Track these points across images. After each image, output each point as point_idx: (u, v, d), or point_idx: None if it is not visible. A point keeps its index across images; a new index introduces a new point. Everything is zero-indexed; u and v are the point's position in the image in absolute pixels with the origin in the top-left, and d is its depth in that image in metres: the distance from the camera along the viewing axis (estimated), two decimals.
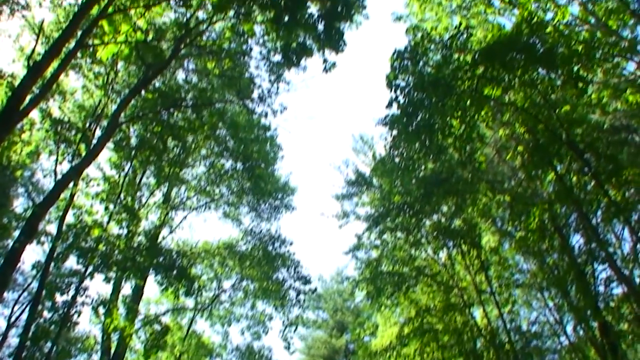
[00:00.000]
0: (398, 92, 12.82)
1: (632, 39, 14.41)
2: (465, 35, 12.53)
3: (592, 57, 11.93)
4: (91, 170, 17.06)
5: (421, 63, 12.97)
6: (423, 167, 15.91)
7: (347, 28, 14.53)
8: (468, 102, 12.41)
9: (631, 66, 15.06)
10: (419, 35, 12.74)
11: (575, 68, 11.60)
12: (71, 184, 14.30)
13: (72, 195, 14.96)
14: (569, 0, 15.22)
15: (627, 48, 14.20)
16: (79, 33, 13.35)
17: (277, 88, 17.14)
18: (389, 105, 12.84)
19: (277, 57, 16.17)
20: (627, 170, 12.24)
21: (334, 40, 14.35)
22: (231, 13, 15.19)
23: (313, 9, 14.14)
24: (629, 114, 14.07)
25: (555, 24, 13.25)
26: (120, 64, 17.08)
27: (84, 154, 14.78)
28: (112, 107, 16.82)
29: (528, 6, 14.02)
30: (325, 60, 14.91)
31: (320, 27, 14.20)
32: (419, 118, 12.82)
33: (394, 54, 12.78)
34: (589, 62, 12.00)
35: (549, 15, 14.75)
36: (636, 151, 14.04)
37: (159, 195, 20.12)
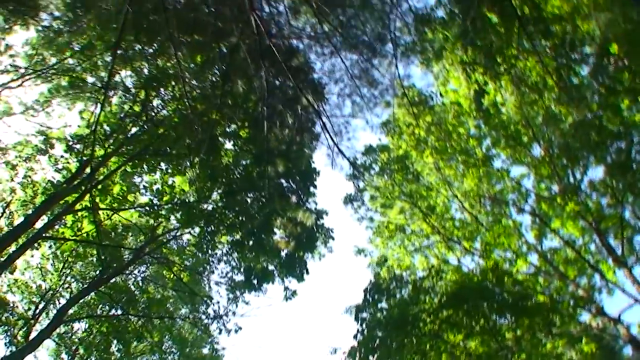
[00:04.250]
0: (364, 325, 12.72)
1: (588, 288, 14.73)
2: (433, 278, 12.75)
3: (554, 308, 12.10)
4: None
5: (383, 301, 13.03)
6: None
7: (310, 258, 14.85)
8: (428, 345, 12.15)
9: (586, 315, 15.21)
10: (383, 271, 13.01)
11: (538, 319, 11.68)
12: None
13: None
14: (529, 250, 15.80)
15: (584, 298, 14.45)
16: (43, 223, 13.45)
17: (235, 308, 16.79)
18: (355, 337, 12.67)
19: (239, 277, 16.12)
20: None
21: (296, 270, 14.54)
22: (197, 230, 15.65)
23: (279, 237, 14.54)
24: None
25: (517, 273, 13.67)
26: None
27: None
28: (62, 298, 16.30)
29: (492, 255, 14.59)
30: (286, 288, 14.95)
31: (284, 255, 14.52)
32: (377, 354, 12.50)
33: (366, 289, 12.96)
34: (552, 313, 12.12)
35: (513, 259, 15.29)
36: None
37: None
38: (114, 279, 16.57)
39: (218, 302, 17.14)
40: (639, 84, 12.45)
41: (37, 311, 16.69)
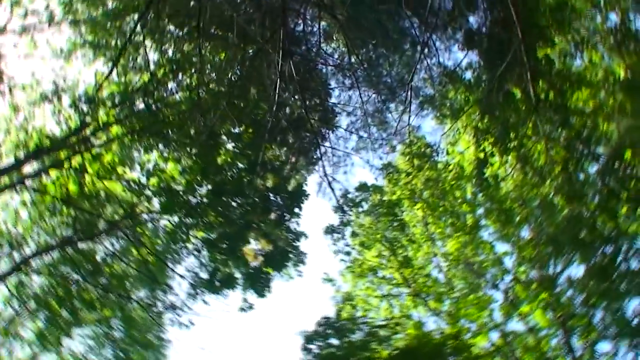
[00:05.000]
0: (309, 356, 12.60)
1: None
2: (391, 329, 12.67)
3: None
4: None
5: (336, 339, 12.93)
6: None
7: (277, 277, 14.71)
8: None
9: None
10: (345, 307, 12.91)
11: None
12: None
13: None
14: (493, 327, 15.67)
15: None
16: None
17: (192, 304, 16.54)
18: None
19: (204, 275, 15.93)
20: None
21: (259, 284, 14.40)
22: (176, 219, 15.56)
23: (251, 248, 14.45)
24: None
25: (475, 347, 13.55)
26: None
27: None
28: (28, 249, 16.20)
29: (457, 323, 14.48)
30: (245, 300, 14.79)
31: (252, 267, 14.39)
32: None
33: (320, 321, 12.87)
34: None
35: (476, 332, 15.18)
36: None
37: None
38: (83, 245, 16.44)
39: (177, 295, 16.93)
40: None
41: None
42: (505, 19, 10.35)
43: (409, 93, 11.05)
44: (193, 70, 13.92)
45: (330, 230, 16.09)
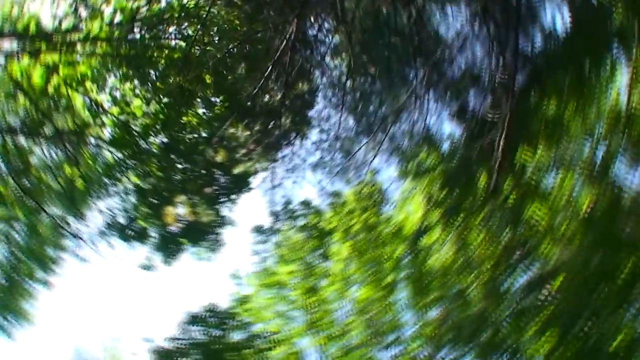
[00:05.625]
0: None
1: None
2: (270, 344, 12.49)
3: None
4: None
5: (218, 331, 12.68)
6: None
7: (188, 252, 14.44)
8: None
9: None
10: (238, 309, 12.68)
11: None
12: None
13: None
14: None
15: None
16: None
17: (98, 242, 16.07)
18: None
19: (121, 220, 15.53)
20: None
21: (168, 250, 14.08)
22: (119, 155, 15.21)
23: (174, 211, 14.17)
24: None
25: None
26: None
27: None
28: None
29: None
30: (149, 259, 14.41)
31: (168, 230, 14.10)
32: None
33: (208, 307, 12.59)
34: None
35: None
36: None
37: None
38: (22, 140, 15.95)
39: (88, 227, 16.46)
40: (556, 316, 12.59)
41: None
42: (499, 106, 10.51)
43: (385, 137, 11.07)
44: (199, 26, 13.76)
45: (257, 230, 15.87)
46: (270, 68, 10.47)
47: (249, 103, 11.29)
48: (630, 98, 9.89)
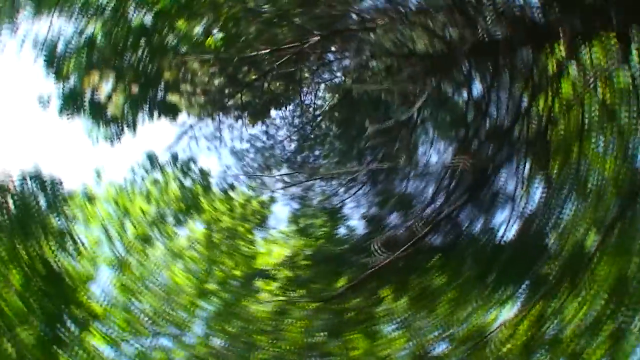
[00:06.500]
0: None
1: None
2: None
3: None
4: None
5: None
6: None
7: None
8: None
9: None
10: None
11: None
12: None
13: None
14: None
15: None
16: None
17: None
18: None
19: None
20: None
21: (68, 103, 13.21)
22: None
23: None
24: None
25: None
26: None
27: None
28: None
29: None
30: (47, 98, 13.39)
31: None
32: None
33: None
34: None
35: None
36: None
37: None
38: None
39: None
40: None
41: None
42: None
43: (302, 182, 11.08)
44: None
45: (148, 155, 15.14)
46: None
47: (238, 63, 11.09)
48: None
